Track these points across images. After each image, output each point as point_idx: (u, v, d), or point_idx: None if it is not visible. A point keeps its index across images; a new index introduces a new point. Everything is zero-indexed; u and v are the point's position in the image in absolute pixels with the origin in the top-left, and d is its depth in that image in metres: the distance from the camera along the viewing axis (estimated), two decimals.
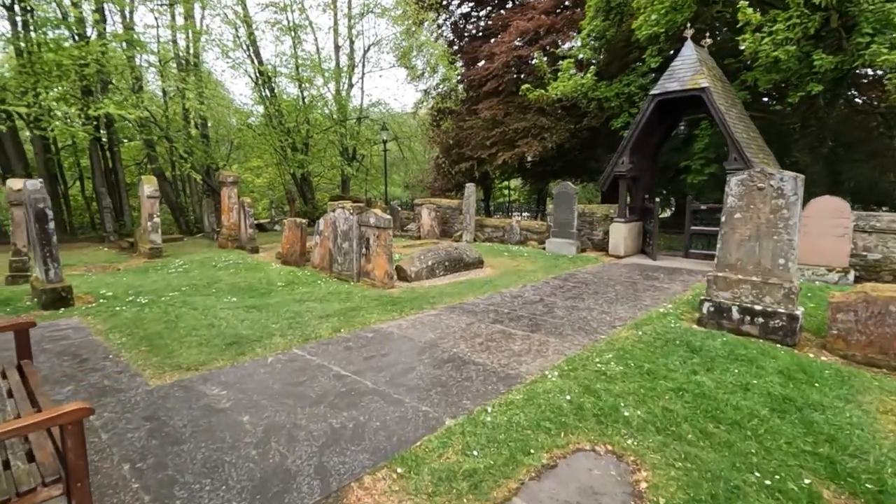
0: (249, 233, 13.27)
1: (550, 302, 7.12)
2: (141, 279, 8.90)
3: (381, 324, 5.97)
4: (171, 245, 14.82)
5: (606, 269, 10.00)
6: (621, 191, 11.11)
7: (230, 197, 14.19)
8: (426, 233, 16.04)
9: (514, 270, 9.88)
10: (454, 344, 5.20)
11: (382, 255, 8.43)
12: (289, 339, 5.32)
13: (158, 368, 4.48)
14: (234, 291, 7.91)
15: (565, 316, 6.34)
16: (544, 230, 13.72)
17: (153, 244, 11.87)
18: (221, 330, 5.60)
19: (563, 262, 10.81)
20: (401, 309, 6.65)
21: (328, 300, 7.18)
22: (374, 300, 7.16)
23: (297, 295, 7.61)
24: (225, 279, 8.99)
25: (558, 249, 12.16)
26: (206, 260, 11.39)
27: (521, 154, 20.44)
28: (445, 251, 9.63)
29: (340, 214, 9.29)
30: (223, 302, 7.07)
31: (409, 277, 8.93)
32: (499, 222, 15.17)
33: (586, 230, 12.74)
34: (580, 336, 5.49)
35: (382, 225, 8.33)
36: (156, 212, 11.97)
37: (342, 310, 6.55)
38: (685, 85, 9.72)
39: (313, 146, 22.63)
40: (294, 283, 8.73)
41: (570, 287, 8.19)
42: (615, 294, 7.63)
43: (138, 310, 6.49)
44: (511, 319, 6.16)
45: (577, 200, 11.95)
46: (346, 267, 9.22)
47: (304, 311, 6.45)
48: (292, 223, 11.41)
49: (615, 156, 11.16)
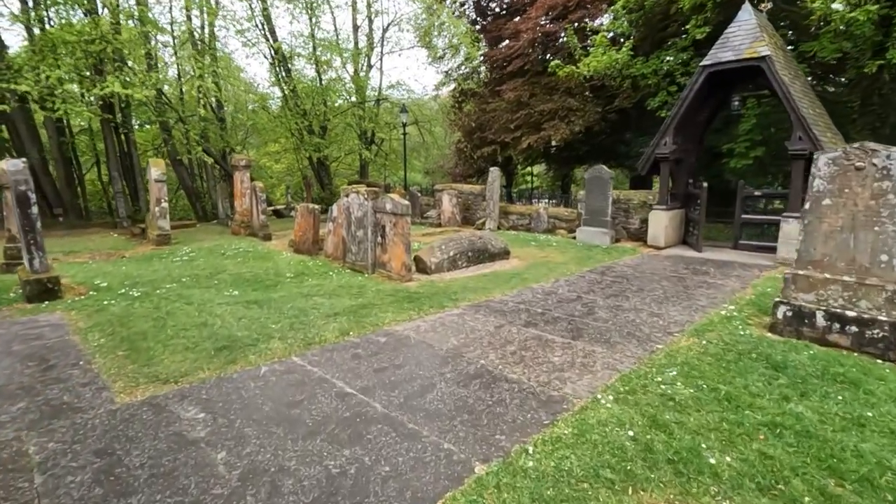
0: (262, 219, 12.63)
1: (590, 300, 6.22)
2: (142, 268, 8.31)
3: (396, 325, 5.18)
4: (183, 231, 14.31)
5: (647, 261, 9.02)
6: (662, 175, 10.05)
7: (242, 182, 13.56)
8: (447, 220, 15.19)
9: (543, 262, 8.98)
10: (482, 353, 4.38)
11: (399, 244, 7.63)
12: (289, 344, 4.57)
13: (131, 380, 3.78)
14: (237, 283, 7.23)
15: (609, 318, 5.45)
16: (574, 218, 12.73)
17: (161, 231, 11.32)
18: (214, 330, 4.89)
19: (596, 253, 9.85)
20: (419, 307, 5.85)
21: (338, 295, 6.43)
22: (389, 296, 6.38)
23: (305, 288, 6.87)
24: (230, 269, 8.32)
25: (590, 239, 11.19)
26: (214, 248, 10.78)
27: (547, 138, 19.34)
28: (468, 240, 8.78)
29: (354, 200, 8.51)
30: (223, 296, 6.38)
31: (428, 269, 8.13)
32: (525, 209, 14.21)
33: (621, 218, 11.71)
34: (632, 345, 4.61)
35: (399, 211, 7.52)
36: (163, 197, 11.39)
37: (353, 307, 5.78)
38: (741, 54, 8.57)
39: (331, 130, 21.90)
40: (303, 274, 8.01)
41: (610, 282, 7.26)
42: (663, 292, 6.69)
43: (128, 304, 5.84)
44: (546, 322, 5.30)
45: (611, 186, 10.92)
46: (360, 257, 8.47)
47: (310, 309, 5.70)
48: (304, 209, 10.70)
49: (657, 136, 10.09)
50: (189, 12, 17.64)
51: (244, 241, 12.19)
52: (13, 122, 15.75)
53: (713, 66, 8.96)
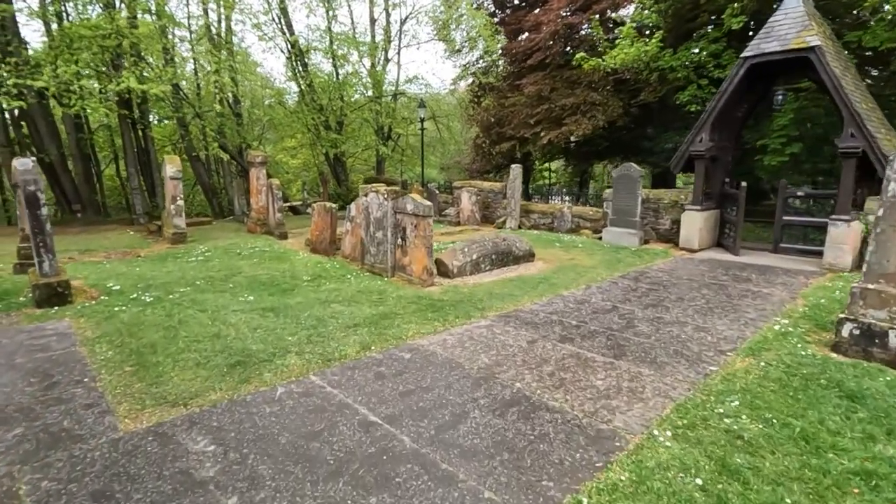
0: (278, 217, 12.38)
1: (627, 311, 5.78)
2: (156, 269, 8.08)
3: (420, 338, 4.82)
4: (199, 229, 14.15)
5: (681, 265, 8.51)
6: (697, 173, 9.50)
7: (258, 178, 13.32)
8: (466, 219, 14.79)
9: (570, 266, 8.54)
10: (517, 374, 3.99)
11: (421, 247, 7.26)
12: (306, 360, 4.23)
13: (138, 401, 3.48)
14: (252, 287, 6.94)
15: (652, 333, 5.01)
16: (599, 218, 12.23)
17: (177, 229, 11.13)
18: (227, 343, 4.58)
19: (625, 255, 9.37)
20: (444, 316, 5.48)
21: (358, 301, 6.09)
22: (411, 303, 6.01)
23: (323, 293, 6.55)
24: (246, 271, 8.05)
25: (618, 240, 10.70)
26: (230, 247, 10.56)
27: (568, 133, 18.78)
28: (493, 242, 8.38)
29: (373, 199, 8.16)
30: (238, 301, 6.08)
31: (450, 273, 7.75)
32: (547, 208, 13.74)
33: (650, 219, 11.19)
34: (682, 366, 4.18)
35: (421, 213, 7.15)
36: (179, 194, 11.19)
37: (374, 316, 5.44)
38: (788, 44, 7.98)
39: (347, 125, 21.62)
40: (321, 277, 7.70)
41: (645, 290, 6.80)
42: (705, 301, 6.21)
43: (139, 311, 5.57)
44: (584, 336, 4.89)
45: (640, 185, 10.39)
46: (379, 259, 8.12)
47: (329, 318, 5.37)
48: (321, 208, 10.39)
49: (692, 132, 9.53)
50: (206, 6, 17.45)
51: (260, 239, 11.95)
52: (33, 118, 15.73)
53: (755, 58, 8.38)
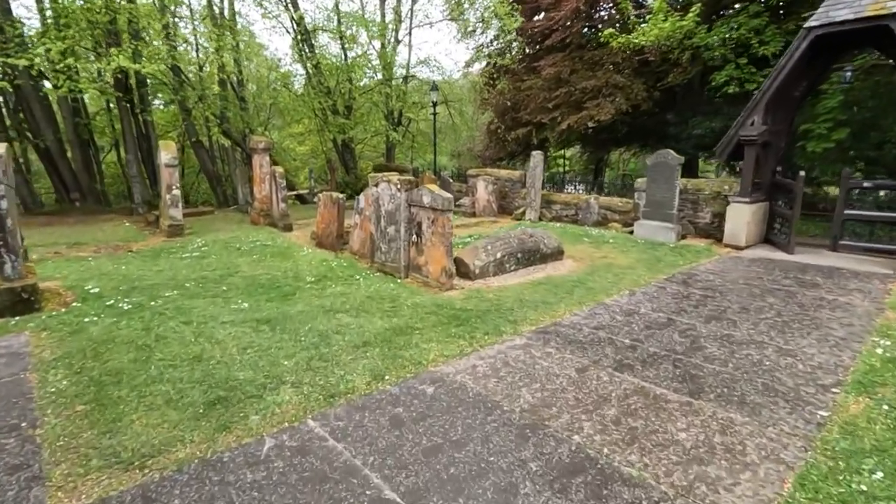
0: (282, 208, 11.54)
1: (686, 326, 4.86)
2: (145, 268, 7.29)
3: (444, 363, 3.95)
4: (200, 220, 13.37)
5: (731, 266, 7.54)
6: (747, 161, 8.47)
7: (261, 166, 12.47)
8: (481, 209, 13.86)
9: (604, 265, 7.61)
10: (572, 420, 3.11)
11: (440, 245, 6.38)
12: (304, 395, 3.39)
13: (81, 461, 2.66)
14: (249, 291, 6.11)
15: (726, 357, 4.10)
16: (630, 210, 11.24)
17: (173, 220, 10.34)
18: (210, 368, 3.75)
19: (664, 253, 8.41)
20: (470, 332, 4.60)
21: (367, 311, 5.23)
22: (430, 313, 5.14)
23: (328, 299, 5.70)
24: (244, 270, 7.24)
25: (652, 235, 9.72)
26: (230, 240, 9.76)
27: (588, 118, 17.66)
28: (518, 239, 7.47)
29: (385, 190, 7.27)
30: (230, 310, 5.25)
31: (471, 274, 6.87)
32: (571, 198, 12.75)
33: (687, 211, 10.18)
34: (781, 408, 3.27)
35: (440, 206, 6.25)
36: (175, 183, 10.38)
37: (387, 332, 4.58)
38: (863, 12, 6.89)
39: (356, 109, 20.64)
40: (326, 278, 6.86)
41: (700, 297, 5.87)
42: (775, 313, 5.27)
43: (113, 322, 4.76)
44: (644, 362, 3.99)
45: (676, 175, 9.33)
46: (391, 257, 7.26)
47: (334, 333, 4.52)
48: (328, 199, 9.54)
49: (743, 114, 8.47)
50: None
51: (262, 231, 11.15)
52: (27, 101, 14.99)
53: (822, 28, 7.29)
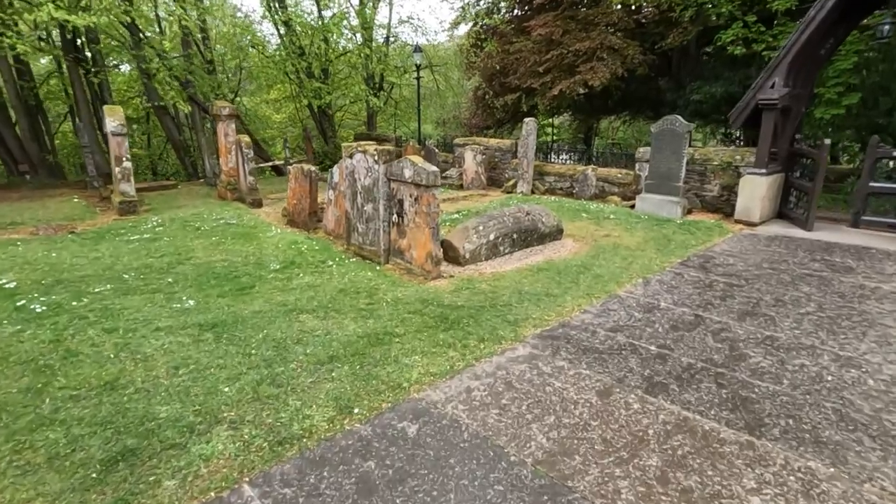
0: (250, 181, 10.45)
1: (718, 325, 4.09)
2: (82, 254, 6.26)
3: (429, 386, 3.11)
4: (162, 194, 12.20)
5: (749, 246, 6.79)
6: (765, 128, 7.62)
7: (227, 135, 11.28)
8: (470, 181, 12.90)
9: (609, 246, 6.80)
10: (602, 476, 2.31)
11: (424, 227, 5.47)
12: (243, 444, 2.53)
13: None
14: (199, 283, 5.17)
15: (778, 371, 3.34)
16: (630, 182, 10.40)
17: (124, 197, 9.21)
18: (123, 402, 2.86)
19: (672, 231, 7.63)
20: (462, 338, 3.76)
21: (338, 310, 4.35)
22: (413, 312, 4.29)
23: (293, 294, 4.81)
24: (198, 256, 6.27)
25: (656, 210, 8.92)
26: (190, 219, 8.72)
27: (582, 82, 16.57)
28: (513, 217, 6.59)
29: (360, 162, 6.30)
30: (170, 310, 4.33)
31: (461, 258, 6.00)
32: (566, 169, 11.83)
33: (694, 184, 9.37)
34: (868, 449, 2.51)
35: (424, 181, 5.31)
36: (125, 154, 9.18)
37: (359, 339, 3.72)
38: None
39: (334, 74, 19.21)
40: (294, 264, 5.93)
41: (724, 286, 5.10)
42: (816, 306, 4.52)
43: (17, 331, 3.81)
44: (680, 380, 3.20)
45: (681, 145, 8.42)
46: (369, 240, 6.35)
47: (294, 343, 3.64)
48: (298, 172, 8.51)
49: (762, 76, 7.57)
50: None
51: (229, 207, 10.09)
52: None
53: None
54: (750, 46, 12.27)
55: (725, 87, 14.64)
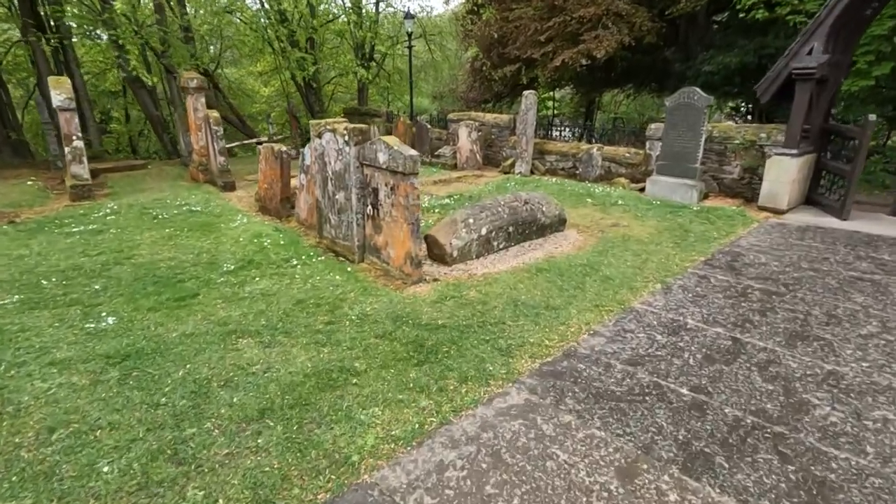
0: (220, 162, 9.48)
1: (763, 354, 3.25)
2: (7, 250, 5.38)
3: (387, 462, 2.28)
4: (129, 175, 11.23)
5: (780, 239, 5.92)
6: (798, 102, 6.65)
7: (196, 110, 10.24)
8: (464, 160, 11.92)
9: (618, 237, 5.93)
10: None
11: (402, 223, 4.58)
12: None
13: None
14: (132, 291, 4.31)
15: (857, 432, 2.50)
16: (639, 162, 9.45)
17: (76, 180, 8.26)
18: None
19: (689, 219, 6.75)
20: (440, 376, 2.93)
21: (288, 333, 3.50)
22: (381, 335, 3.44)
23: (239, 307, 3.96)
24: (142, 253, 5.39)
25: (668, 194, 8.02)
26: (151, 205, 7.84)
27: (587, 52, 15.38)
28: (509, 207, 5.69)
29: (330, 143, 5.37)
30: (80, 332, 3.48)
31: (447, 257, 5.13)
32: (568, 148, 10.84)
33: (711, 165, 8.43)
34: None
35: (401, 168, 4.39)
36: (76, 132, 8.19)
37: (306, 379, 2.88)
38: None
39: (322, 43, 17.94)
40: (253, 263, 5.07)
41: (761, 294, 4.25)
42: (879, 324, 3.68)
43: None
44: (726, 445, 2.38)
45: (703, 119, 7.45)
46: (342, 233, 5.48)
47: (220, 386, 2.81)
48: (269, 152, 7.56)
49: (798, 40, 6.56)
50: None
51: (198, 191, 9.18)
52: None
53: None
54: (773, 10, 11.14)
55: (740, 56, 13.50)
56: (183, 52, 14.67)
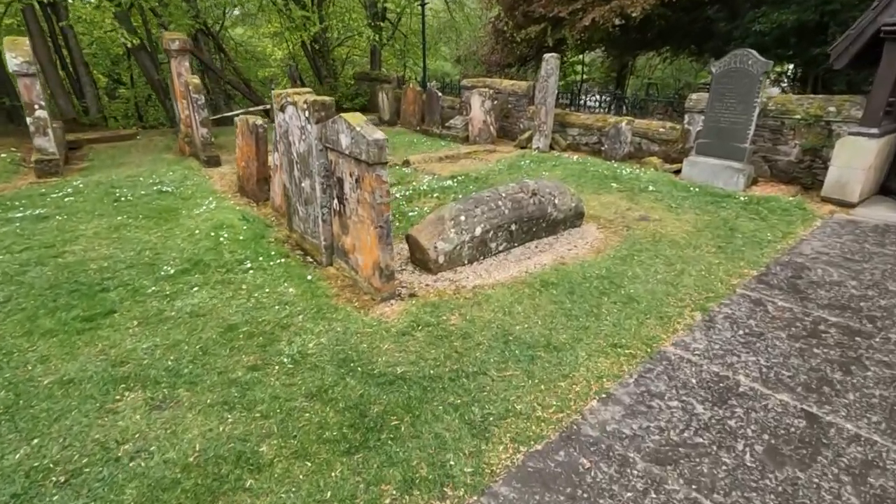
0: (203, 135, 8.57)
1: (859, 451, 2.23)
2: None
3: None
4: (114, 147, 10.46)
5: (852, 243, 4.72)
6: (884, 68, 5.30)
7: (180, 75, 9.32)
8: (476, 133, 10.74)
9: (647, 237, 4.84)
10: None
11: (369, 225, 3.61)
12: None
13: None
14: (38, 305, 3.51)
15: None
16: (675, 139, 8.15)
17: (42, 154, 7.49)
18: None
19: (734, 213, 5.58)
20: (375, 474, 2.02)
21: (194, 383, 2.63)
22: (311, 395, 2.54)
23: (156, 333, 3.11)
24: (75, 249, 4.59)
25: (709, 178, 6.81)
26: (120, 183, 7.08)
27: (619, 9, 13.70)
28: (512, 200, 4.64)
29: (293, 119, 4.38)
30: None
31: (431, 264, 4.15)
32: (593, 120, 9.53)
33: (763, 144, 7.12)
34: None
35: (364, 156, 3.38)
36: (38, 100, 7.36)
37: (189, 470, 2.02)
38: None
39: (332, 1, 16.60)
40: (198, 266, 4.21)
41: (840, 336, 3.17)
42: None
43: None
44: None
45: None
46: (310, 228, 4.55)
47: (62, 483, 1.97)
48: (244, 125, 6.63)
49: None
50: None
51: (178, 167, 8.35)
52: None
53: None
54: None
55: (798, 13, 11.70)
56: (181, 10, 13.62)
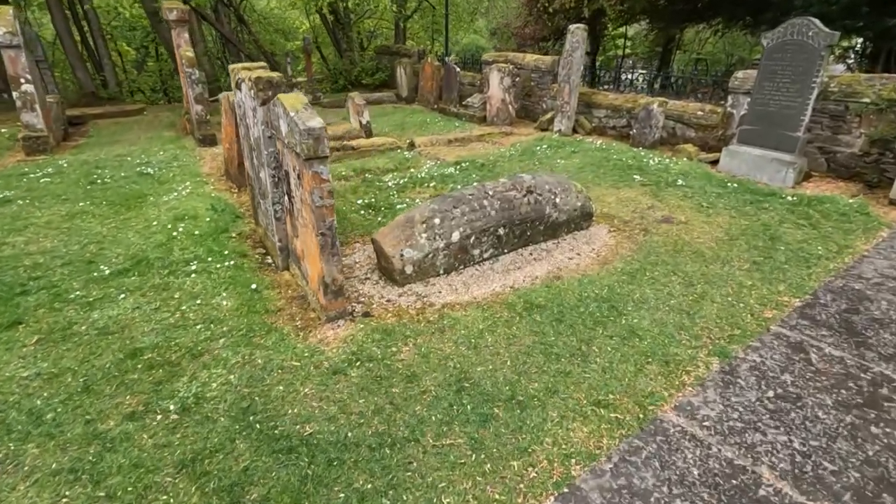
0: (198, 111, 8.09)
1: None
2: None
3: None
4: (117, 123, 10.18)
5: None
6: None
7: (179, 46, 8.84)
8: (494, 113, 9.86)
9: (667, 244, 4.03)
10: None
11: (311, 231, 2.98)
12: None
13: None
14: None
15: None
16: (715, 124, 7.11)
17: (29, 131, 7.18)
18: None
19: (777, 216, 4.66)
20: None
21: (45, 439, 2.12)
22: (179, 469, 1.98)
23: (47, 358, 2.62)
24: (15, 242, 4.19)
25: (751, 172, 5.83)
26: (105, 162, 6.78)
27: None
28: (500, 199, 3.90)
29: (247, 99, 3.75)
30: None
31: (397, 274, 3.50)
32: (622, 101, 8.50)
33: (819, 132, 6.04)
34: None
35: (298, 148, 2.73)
36: (24, 73, 7.00)
37: None
38: None
39: None
40: (140, 265, 3.73)
41: None
42: None
43: None
44: None
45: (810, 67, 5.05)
46: (270, 225, 3.98)
47: None
48: (226, 103, 6.05)
49: None
50: None
51: (173, 146, 7.96)
52: None
53: None
54: None
55: None
56: None
